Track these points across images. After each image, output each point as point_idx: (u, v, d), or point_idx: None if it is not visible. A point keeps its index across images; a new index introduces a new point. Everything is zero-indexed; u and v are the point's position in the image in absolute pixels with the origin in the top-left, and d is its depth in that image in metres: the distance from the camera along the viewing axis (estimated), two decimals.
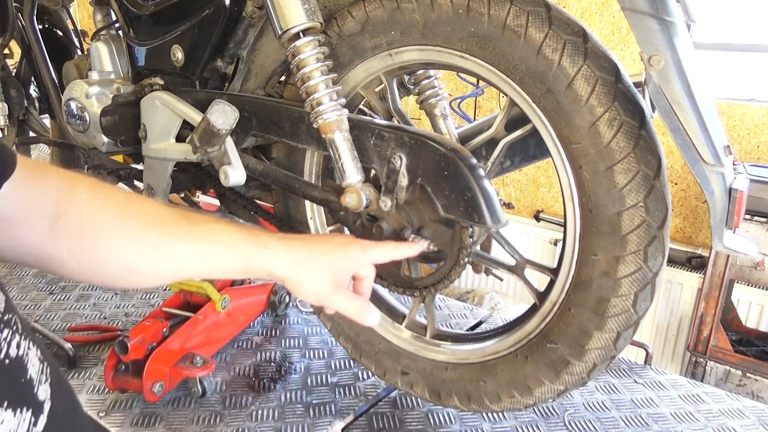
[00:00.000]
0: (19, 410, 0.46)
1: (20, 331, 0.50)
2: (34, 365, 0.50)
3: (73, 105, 1.42)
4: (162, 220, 0.72)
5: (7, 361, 0.46)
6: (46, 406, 0.51)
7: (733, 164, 0.88)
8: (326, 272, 0.79)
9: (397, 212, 1.04)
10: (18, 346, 0.49)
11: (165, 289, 1.84)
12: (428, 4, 0.95)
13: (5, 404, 0.44)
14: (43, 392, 0.51)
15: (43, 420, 0.50)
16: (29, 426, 0.48)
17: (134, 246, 0.69)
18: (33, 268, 1.96)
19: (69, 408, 0.56)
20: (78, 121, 1.42)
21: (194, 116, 1.19)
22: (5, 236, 0.63)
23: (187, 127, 1.23)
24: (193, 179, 1.39)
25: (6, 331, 0.48)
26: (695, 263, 3.03)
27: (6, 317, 0.48)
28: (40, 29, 1.73)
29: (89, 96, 1.40)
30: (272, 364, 1.47)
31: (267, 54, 1.25)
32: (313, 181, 1.24)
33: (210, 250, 0.74)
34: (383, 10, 1.01)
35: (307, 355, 1.51)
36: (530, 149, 1.10)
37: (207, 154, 1.15)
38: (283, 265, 0.77)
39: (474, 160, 0.94)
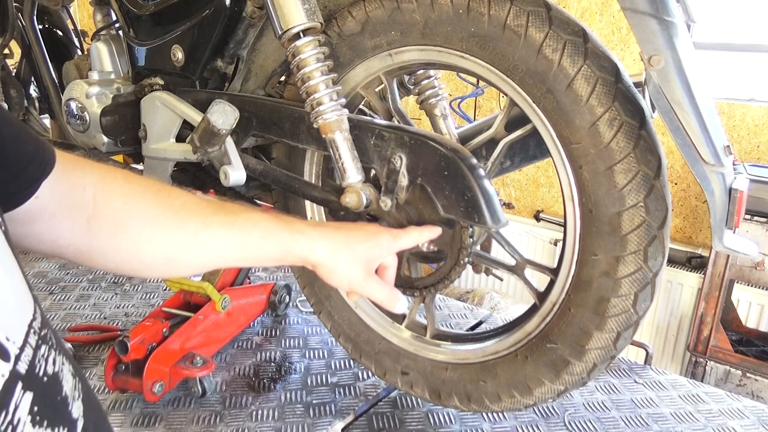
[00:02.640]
0: (56, 428, 0.45)
1: (55, 347, 0.49)
2: (68, 381, 0.49)
3: (73, 105, 1.42)
4: (199, 210, 0.73)
5: (45, 378, 0.45)
6: (80, 424, 0.50)
7: (733, 164, 0.88)
8: (360, 259, 0.81)
9: (398, 212, 1.04)
10: (54, 363, 0.48)
11: (165, 289, 1.84)
12: (428, 4, 0.95)
13: (45, 423, 0.43)
14: (77, 409, 0.50)
15: None
16: None
17: (173, 236, 0.71)
18: (67, 261, 1.96)
19: (99, 424, 0.55)
20: (78, 121, 1.42)
21: (194, 116, 1.19)
22: (44, 229, 0.64)
23: (187, 127, 1.23)
24: (193, 179, 1.39)
25: (43, 348, 0.46)
26: (695, 263, 3.03)
27: (43, 332, 0.47)
28: (40, 29, 1.73)
29: (89, 96, 1.40)
30: (272, 364, 1.47)
31: (267, 54, 1.25)
32: (313, 181, 1.24)
33: (248, 237, 0.75)
34: (383, 10, 1.01)
35: (307, 355, 1.51)
36: (530, 149, 1.10)
37: (207, 154, 1.15)
38: (318, 251, 0.79)
39: (474, 160, 0.94)
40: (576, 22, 0.87)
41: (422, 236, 0.93)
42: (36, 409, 0.42)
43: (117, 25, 1.47)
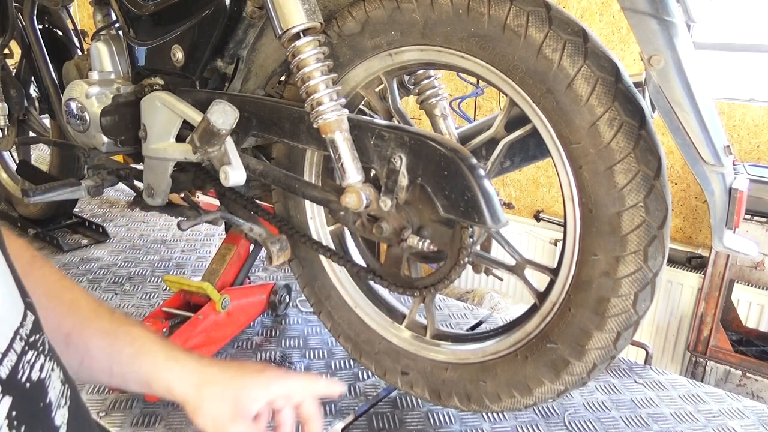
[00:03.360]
0: None
1: (45, 352, 0.49)
2: (55, 388, 0.49)
3: (73, 105, 1.42)
4: (82, 311, 0.69)
5: (28, 384, 0.45)
6: (62, 431, 0.49)
7: (733, 164, 0.88)
8: (229, 397, 0.70)
9: (397, 212, 1.04)
10: (41, 369, 0.47)
11: (165, 290, 1.84)
12: (428, 4, 0.95)
13: (23, 429, 0.43)
14: (60, 417, 0.49)
15: None
16: None
17: (47, 327, 0.65)
18: None
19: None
20: (78, 121, 1.42)
21: (194, 116, 1.19)
22: None
23: (187, 127, 1.23)
24: (193, 179, 1.39)
25: (30, 353, 0.46)
26: (695, 263, 3.03)
27: (32, 338, 0.47)
28: (40, 29, 1.73)
29: (89, 96, 1.40)
30: (272, 364, 1.47)
31: (267, 54, 1.25)
32: (313, 181, 1.24)
33: (119, 352, 0.69)
34: (383, 10, 1.01)
35: (307, 355, 1.51)
36: (530, 149, 1.10)
37: (207, 154, 1.15)
38: (184, 384, 0.70)
39: (474, 160, 0.94)
40: (576, 22, 0.87)
41: (315, 387, 0.76)
42: (14, 413, 0.42)
43: (117, 25, 1.47)
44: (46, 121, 2.09)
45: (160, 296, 1.81)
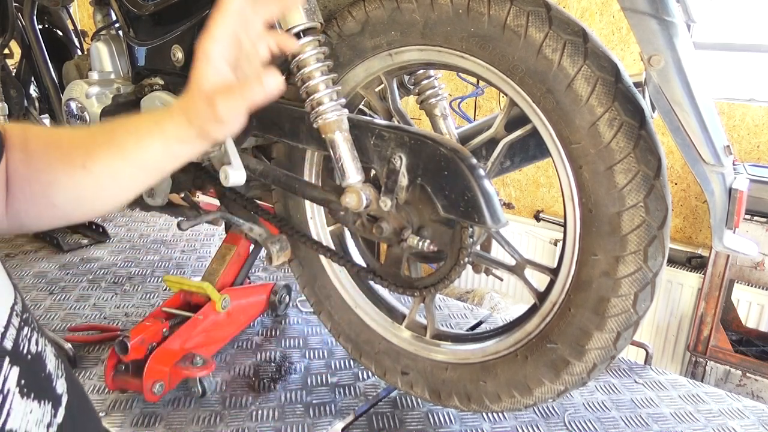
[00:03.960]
0: (42, 401, 0.48)
1: (37, 329, 0.52)
2: (51, 361, 0.52)
3: (73, 105, 1.42)
4: (81, 141, 0.72)
5: (29, 356, 0.48)
6: (64, 399, 0.52)
7: (733, 164, 0.88)
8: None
9: (397, 212, 1.04)
10: (37, 343, 0.51)
11: (165, 290, 1.84)
12: (428, 4, 0.95)
13: (32, 395, 0.46)
14: (60, 386, 0.53)
15: (61, 412, 0.52)
16: (51, 417, 0.49)
17: (67, 175, 0.68)
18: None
19: (82, 402, 0.58)
20: (78, 121, 1.42)
21: None
22: None
23: None
24: (193, 179, 1.39)
25: (26, 329, 0.49)
26: (695, 263, 3.03)
27: (25, 316, 0.50)
28: (40, 29, 1.73)
29: (89, 96, 1.40)
30: (272, 364, 1.47)
31: None
32: (313, 181, 1.24)
33: (127, 140, 0.70)
34: (383, 10, 1.01)
35: (307, 355, 1.51)
36: (530, 149, 1.10)
37: (207, 154, 1.15)
38: (177, 117, 0.70)
39: (474, 160, 0.94)
40: (576, 22, 0.87)
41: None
42: (23, 382, 0.45)
43: (117, 25, 1.47)
44: (46, 121, 2.08)
45: (160, 296, 1.81)
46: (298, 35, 0.99)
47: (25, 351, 0.48)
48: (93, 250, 2.17)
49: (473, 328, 1.70)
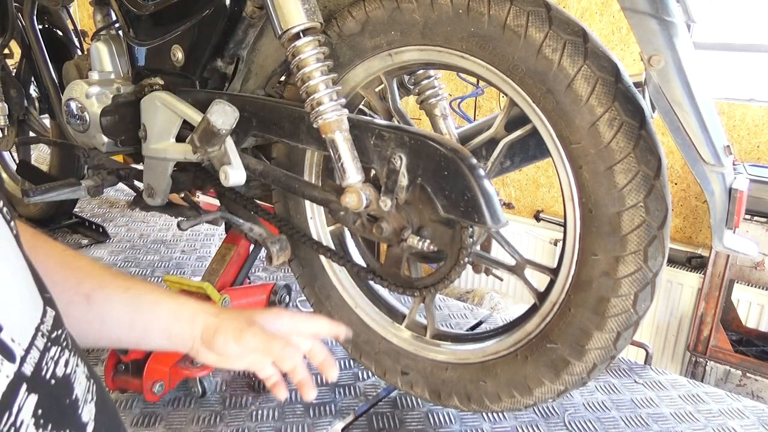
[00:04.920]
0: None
1: (69, 347, 0.48)
2: (81, 384, 0.48)
3: (73, 105, 1.42)
4: (98, 273, 0.71)
5: (53, 381, 0.45)
6: (90, 427, 0.49)
7: (733, 164, 0.88)
8: (245, 317, 0.76)
9: (397, 212, 1.04)
10: (66, 364, 0.47)
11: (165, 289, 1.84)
12: (428, 4, 0.95)
13: (50, 426, 0.43)
14: (87, 413, 0.49)
15: None
16: None
17: (65, 294, 0.65)
18: None
19: (111, 428, 0.53)
20: (78, 121, 1.42)
21: (194, 116, 1.19)
22: None
23: (187, 127, 1.23)
24: (193, 179, 1.39)
25: (54, 349, 0.45)
26: (695, 263, 3.03)
27: (54, 334, 0.46)
28: (40, 29, 1.73)
29: (89, 96, 1.40)
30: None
31: (267, 54, 1.25)
32: (313, 181, 1.24)
33: (141, 302, 0.72)
34: (383, 10, 1.01)
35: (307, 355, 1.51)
36: (530, 149, 1.10)
37: (207, 154, 1.15)
38: (207, 310, 0.74)
39: (474, 160, 0.94)
40: (576, 22, 0.87)
41: (319, 327, 0.81)
42: (40, 411, 0.42)
43: (117, 25, 1.47)
44: (46, 121, 2.09)
45: None
46: (297, 35, 0.99)
47: (48, 375, 0.44)
48: (93, 250, 2.17)
49: (473, 328, 1.70)
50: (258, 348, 0.73)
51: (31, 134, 2.09)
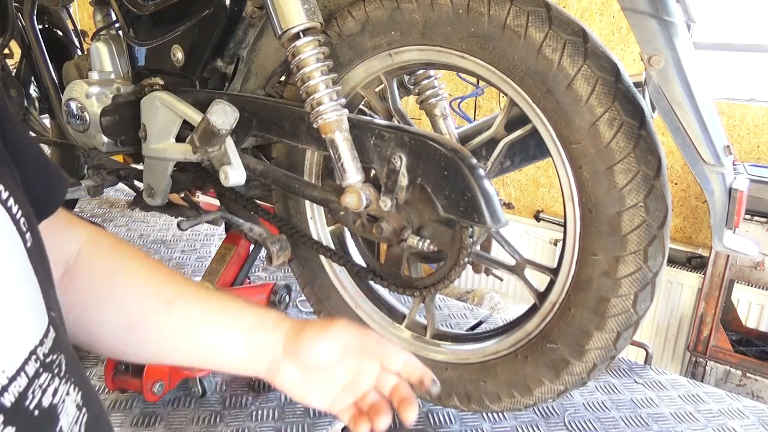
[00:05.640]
0: None
1: (61, 375, 0.45)
2: (68, 414, 0.45)
3: (73, 105, 1.42)
4: (180, 282, 0.68)
5: (36, 412, 0.41)
6: None
7: (733, 164, 0.88)
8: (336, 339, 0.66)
9: (397, 212, 1.04)
10: (54, 393, 0.43)
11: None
12: (428, 4, 0.95)
13: None
14: None
15: None
16: None
17: (145, 300, 0.64)
18: None
19: None
20: (78, 121, 1.42)
21: (194, 116, 1.19)
22: None
23: (187, 127, 1.23)
24: (193, 179, 1.39)
25: (44, 376, 0.43)
26: (695, 263, 3.02)
27: (49, 359, 0.43)
28: (40, 29, 1.73)
29: (89, 96, 1.40)
30: None
31: (267, 54, 1.25)
32: (313, 181, 1.24)
33: (221, 311, 0.67)
34: (383, 10, 1.01)
35: None
36: (530, 149, 1.10)
37: (207, 154, 1.15)
38: (292, 319, 0.68)
39: (474, 160, 0.94)
40: (576, 22, 0.87)
41: (412, 365, 0.66)
42: None
43: (117, 25, 1.47)
44: (46, 121, 2.09)
45: None
46: (297, 35, 0.99)
47: (32, 406, 0.41)
48: None
49: (473, 328, 1.70)
50: (350, 344, 0.64)
51: (31, 134, 2.09)
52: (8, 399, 0.39)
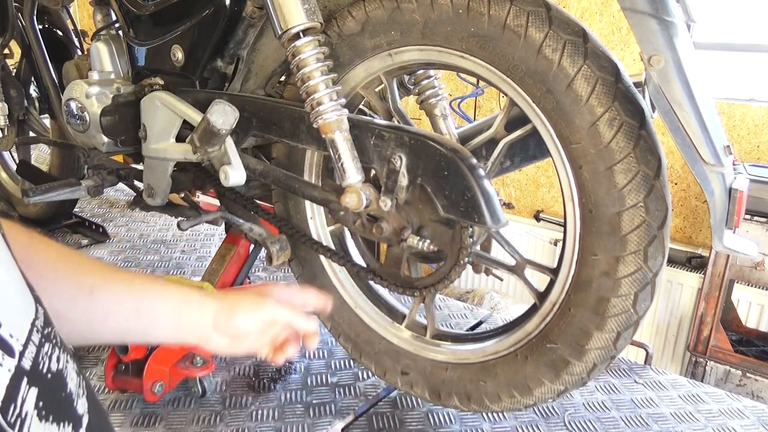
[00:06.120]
0: (62, 424, 0.46)
1: (59, 345, 0.49)
2: (72, 379, 0.50)
3: (73, 105, 1.42)
4: (101, 269, 0.71)
5: (49, 375, 0.46)
6: (84, 420, 0.50)
7: (733, 164, 0.88)
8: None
9: (397, 212, 1.04)
10: (58, 360, 0.48)
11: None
12: (428, 4, 0.95)
13: (51, 418, 0.44)
14: (81, 406, 0.50)
15: None
16: None
17: (67, 291, 0.66)
18: None
19: (102, 422, 0.55)
20: (78, 121, 1.42)
21: (194, 116, 1.19)
22: None
23: (187, 127, 1.23)
24: (193, 179, 1.39)
25: (47, 346, 0.47)
26: (695, 263, 3.03)
27: (46, 331, 0.47)
28: (40, 29, 1.73)
29: (89, 96, 1.40)
30: (272, 364, 1.47)
31: (267, 54, 1.25)
32: (313, 181, 1.24)
33: (146, 292, 0.72)
34: (383, 10, 1.01)
35: (307, 355, 1.51)
36: (530, 149, 1.10)
37: (207, 154, 1.15)
38: (219, 294, 0.77)
39: (474, 160, 0.94)
40: (576, 22, 0.87)
41: (309, 300, 0.86)
42: (41, 404, 0.43)
43: (117, 25, 1.47)
44: (46, 121, 2.08)
45: None
46: (297, 35, 0.99)
47: (45, 370, 0.45)
48: (93, 250, 2.17)
49: (473, 328, 1.70)
50: (273, 312, 0.77)
51: (31, 134, 2.09)
52: (27, 363, 0.42)
